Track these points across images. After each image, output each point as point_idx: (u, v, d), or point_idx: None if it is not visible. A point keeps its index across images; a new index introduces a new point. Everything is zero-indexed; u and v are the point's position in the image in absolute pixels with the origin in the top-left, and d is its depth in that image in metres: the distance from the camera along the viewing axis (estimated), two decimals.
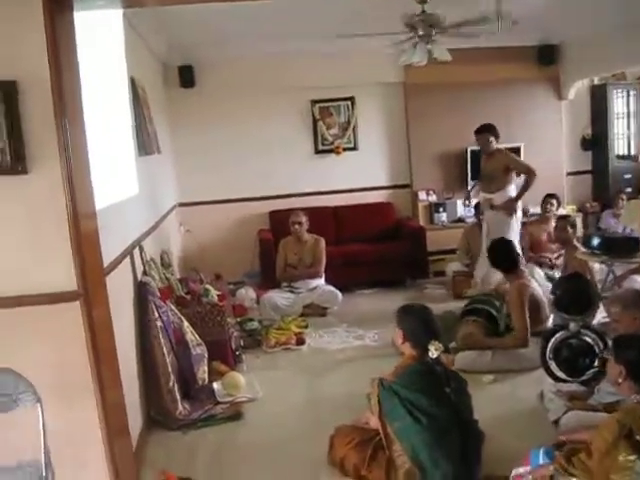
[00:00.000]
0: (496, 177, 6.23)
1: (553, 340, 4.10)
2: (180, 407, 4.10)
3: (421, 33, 5.40)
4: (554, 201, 7.07)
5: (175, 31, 6.07)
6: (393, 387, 3.08)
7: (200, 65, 7.25)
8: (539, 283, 5.20)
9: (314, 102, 7.72)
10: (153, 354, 4.10)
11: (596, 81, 8.34)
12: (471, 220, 7.66)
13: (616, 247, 4.28)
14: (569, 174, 8.39)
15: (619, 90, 8.32)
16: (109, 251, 3.38)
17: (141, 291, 4.22)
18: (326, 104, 7.77)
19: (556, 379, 4.13)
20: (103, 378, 3.01)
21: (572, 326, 4.05)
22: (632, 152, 8.42)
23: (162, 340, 4.14)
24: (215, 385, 4.53)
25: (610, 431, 2.54)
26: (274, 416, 4.17)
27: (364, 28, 6.21)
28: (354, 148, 7.89)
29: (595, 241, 4.31)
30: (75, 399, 2.92)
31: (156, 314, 4.19)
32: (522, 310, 4.58)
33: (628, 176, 8.25)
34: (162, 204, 6.13)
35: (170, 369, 4.13)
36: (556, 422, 3.70)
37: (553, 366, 4.14)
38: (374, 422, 3.18)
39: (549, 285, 5.42)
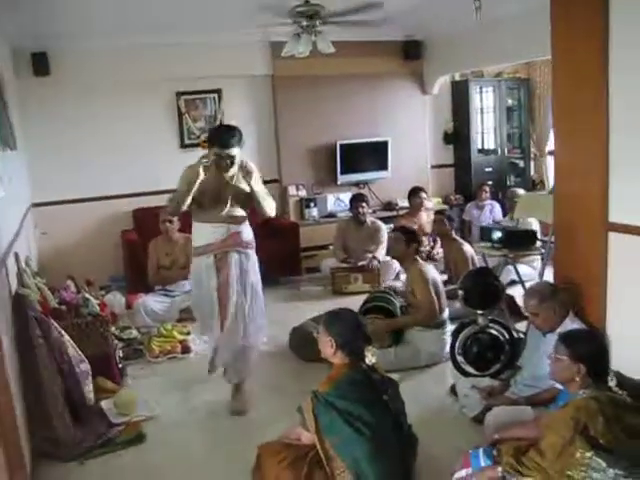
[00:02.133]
0: None
1: (462, 335, 4.12)
2: (73, 433, 3.66)
3: (305, 23, 5.23)
4: (423, 194, 7.21)
5: (28, 12, 5.43)
6: (329, 399, 2.90)
7: (56, 52, 6.57)
8: None
9: (179, 94, 7.31)
10: (38, 376, 3.62)
11: (457, 77, 8.62)
12: (344, 215, 7.65)
13: (516, 240, 4.35)
14: (433, 167, 8.61)
15: (479, 86, 8.65)
16: None
17: (19, 305, 3.72)
18: (192, 96, 7.38)
19: (465, 374, 4.16)
20: (1, 415, 2.58)
21: (480, 320, 4.09)
22: (492, 146, 8.79)
23: (47, 360, 3.68)
24: (104, 405, 4.12)
25: (565, 428, 2.53)
26: (178, 434, 3.86)
27: (241, 17, 5.98)
28: None
29: (495, 234, 4.37)
30: None
31: (38, 331, 3.71)
32: (426, 286, 4.61)
33: (489, 169, 8.62)
34: (20, 205, 5.51)
35: (58, 391, 3.68)
36: (475, 418, 3.71)
37: (462, 361, 4.17)
38: (307, 438, 2.97)
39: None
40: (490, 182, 8.27)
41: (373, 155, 8.06)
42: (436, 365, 4.66)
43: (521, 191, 6.88)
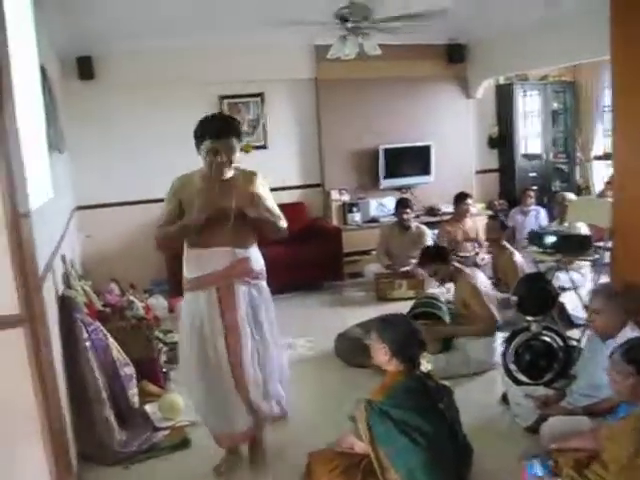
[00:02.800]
0: None
1: (514, 343, 3.99)
2: (118, 437, 3.62)
3: (350, 25, 5.15)
4: (469, 200, 7.07)
5: (73, 15, 5.45)
6: (384, 409, 2.80)
7: (101, 56, 6.63)
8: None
9: (222, 98, 7.29)
10: (84, 380, 3.59)
11: (501, 81, 8.46)
12: (387, 220, 7.55)
13: (569, 245, 4.21)
14: (477, 172, 8.46)
15: (524, 90, 8.48)
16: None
17: (65, 308, 3.70)
18: (235, 100, 7.36)
19: (518, 382, 4.02)
20: (51, 419, 2.54)
21: (534, 327, 3.96)
22: (537, 151, 8.61)
23: (93, 363, 3.65)
24: (149, 409, 4.08)
25: (629, 440, 2.42)
26: None
27: (285, 19, 5.91)
28: (264, 146, 7.54)
29: (548, 239, 4.23)
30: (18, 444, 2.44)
31: (85, 334, 3.69)
32: (481, 298, 4.53)
33: (533, 174, 8.45)
34: (66, 208, 5.54)
35: (104, 395, 3.65)
36: (529, 428, 3.58)
37: (514, 369, 4.04)
38: (361, 447, 2.88)
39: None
40: (535, 187, 8.10)
41: (416, 160, 7.95)
42: (485, 373, 4.54)
43: (571, 195, 6.69)
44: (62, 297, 3.77)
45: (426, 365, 2.91)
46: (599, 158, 8.65)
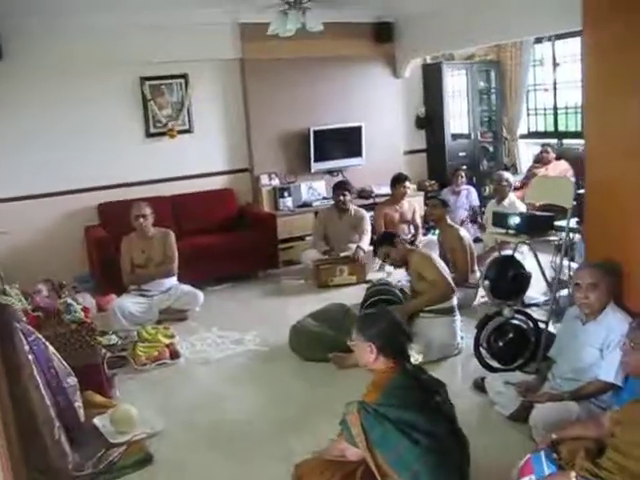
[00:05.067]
0: None
1: (487, 328, 3.86)
2: (71, 459, 3.23)
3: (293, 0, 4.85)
4: (407, 183, 6.94)
5: None
6: (379, 410, 2.56)
7: (10, 34, 5.97)
8: None
9: (144, 79, 6.80)
10: (28, 399, 3.16)
11: (428, 60, 8.37)
12: (319, 204, 7.33)
13: (534, 226, 4.10)
14: (406, 153, 8.35)
15: (452, 69, 8.41)
16: None
17: (2, 317, 3.25)
18: (157, 82, 6.88)
19: (490, 369, 3.91)
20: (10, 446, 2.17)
21: (506, 312, 3.84)
22: (464, 131, 8.58)
23: (37, 378, 3.23)
24: (98, 422, 3.69)
25: None
26: (189, 452, 3.46)
27: None
28: (189, 130, 7.12)
29: (513, 220, 4.11)
30: None
31: (26, 346, 3.26)
32: (434, 265, 4.54)
33: (462, 154, 8.42)
34: None
35: (52, 413, 3.24)
36: (512, 417, 3.48)
37: (486, 355, 3.92)
38: (354, 454, 2.63)
39: None
40: (465, 167, 8.07)
41: (347, 141, 7.75)
42: (449, 358, 4.40)
43: (507, 174, 6.66)
44: None
45: (416, 356, 2.70)
46: (524, 137, 8.74)
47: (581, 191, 4.37)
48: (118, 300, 5.50)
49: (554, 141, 8.16)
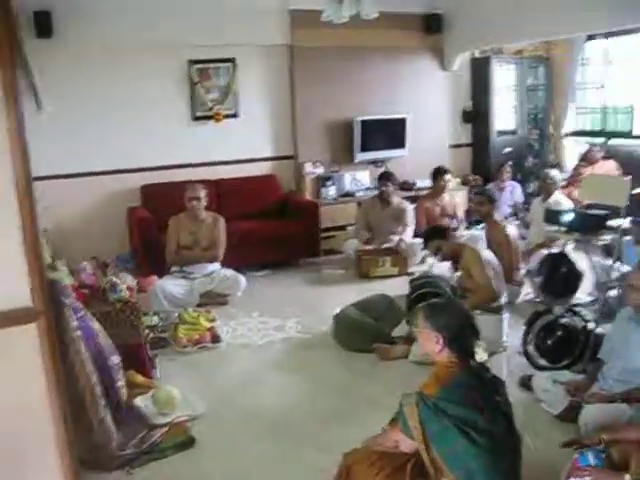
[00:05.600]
0: None
1: (536, 325, 3.77)
2: (115, 439, 3.23)
3: None
4: (448, 176, 6.85)
5: None
6: (440, 405, 2.49)
7: (61, 12, 5.97)
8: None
9: (192, 62, 6.78)
10: (75, 376, 3.15)
11: (477, 54, 8.23)
12: (361, 194, 7.27)
13: (588, 223, 4.00)
14: (450, 146, 8.24)
15: (500, 64, 8.24)
16: None
17: (53, 293, 3.25)
18: (205, 65, 6.86)
19: (537, 367, 3.83)
20: (65, 421, 2.17)
21: (557, 309, 3.75)
22: (511, 126, 8.43)
23: (85, 356, 3.23)
24: (140, 402, 3.69)
25: None
26: (231, 437, 3.45)
27: None
28: (235, 115, 7.08)
29: (566, 217, 4.01)
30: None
31: (74, 322, 3.26)
32: (481, 264, 4.39)
33: (508, 150, 8.27)
34: None
35: (98, 392, 3.24)
36: (559, 416, 3.41)
37: (534, 353, 3.83)
38: (408, 446, 2.57)
39: None
40: (510, 163, 7.93)
41: (391, 132, 7.66)
42: (495, 355, 4.29)
43: (554, 172, 6.52)
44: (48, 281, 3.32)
45: (482, 355, 2.61)
46: (570, 134, 8.56)
47: (636, 191, 4.27)
48: (160, 281, 5.50)
49: (601, 140, 7.97)
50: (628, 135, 7.82)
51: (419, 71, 7.83)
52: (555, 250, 5.24)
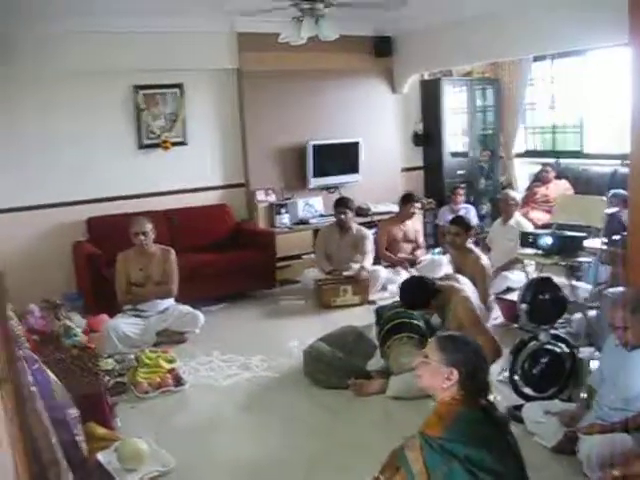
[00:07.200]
0: None
1: (523, 354, 3.63)
2: None
3: (306, 6, 4.61)
4: (417, 204, 6.80)
5: None
6: (446, 446, 2.27)
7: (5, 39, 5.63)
8: None
9: (137, 88, 6.48)
10: (32, 437, 2.81)
11: (426, 76, 8.19)
12: (316, 221, 7.09)
13: (567, 246, 3.89)
14: (403, 170, 8.15)
15: (451, 86, 8.22)
16: None
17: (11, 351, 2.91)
18: (151, 91, 6.57)
19: (523, 397, 3.67)
20: None
21: (542, 336, 3.62)
22: (462, 148, 8.41)
23: (43, 415, 2.89)
24: (103, 458, 3.35)
25: None
26: None
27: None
28: (183, 142, 6.81)
29: (544, 240, 3.89)
30: None
31: (29, 376, 2.92)
32: (482, 326, 4.03)
33: (460, 172, 8.23)
34: None
35: (59, 453, 2.90)
36: (555, 449, 3.25)
37: (520, 383, 3.68)
38: None
39: None
40: (463, 185, 7.91)
41: (345, 157, 7.52)
42: None
43: (514, 193, 6.49)
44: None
45: (495, 394, 2.41)
46: (520, 155, 8.60)
47: (610, 210, 4.22)
48: (112, 321, 5.16)
49: (552, 160, 8.02)
50: (578, 154, 7.88)
51: (370, 94, 7.74)
52: (530, 274, 5.17)
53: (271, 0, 4.87)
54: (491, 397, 2.42)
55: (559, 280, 4.28)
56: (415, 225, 6.89)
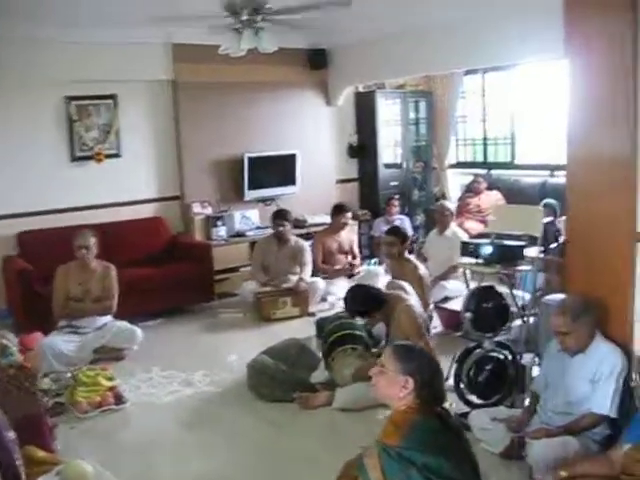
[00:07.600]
0: None
1: (468, 362, 3.71)
2: None
3: (245, 18, 4.61)
4: (349, 214, 6.84)
5: None
6: (404, 454, 2.29)
7: None
8: None
9: (69, 99, 6.33)
10: None
11: (360, 88, 8.30)
12: (253, 234, 7.07)
13: (507, 255, 3.99)
14: (338, 182, 8.23)
15: (385, 98, 8.34)
16: None
17: None
18: (84, 102, 6.42)
19: (469, 404, 3.76)
20: None
21: (487, 344, 3.71)
22: (396, 160, 8.54)
23: None
24: None
25: None
26: None
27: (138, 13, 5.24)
28: (117, 155, 6.68)
29: (485, 250, 3.99)
30: None
31: None
32: (425, 339, 4.07)
33: (394, 183, 8.36)
34: None
35: None
36: (503, 455, 3.33)
37: (465, 390, 3.76)
38: None
39: None
40: (397, 196, 8.05)
41: (281, 169, 7.55)
42: None
43: (449, 204, 6.64)
44: None
45: (451, 401, 2.46)
46: (453, 166, 8.81)
47: (546, 219, 4.37)
48: (46, 339, 4.99)
49: (483, 171, 8.25)
50: (509, 165, 8.14)
51: (305, 106, 7.80)
52: (469, 283, 5.27)
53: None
54: (446, 405, 2.46)
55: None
56: (350, 236, 6.96)
